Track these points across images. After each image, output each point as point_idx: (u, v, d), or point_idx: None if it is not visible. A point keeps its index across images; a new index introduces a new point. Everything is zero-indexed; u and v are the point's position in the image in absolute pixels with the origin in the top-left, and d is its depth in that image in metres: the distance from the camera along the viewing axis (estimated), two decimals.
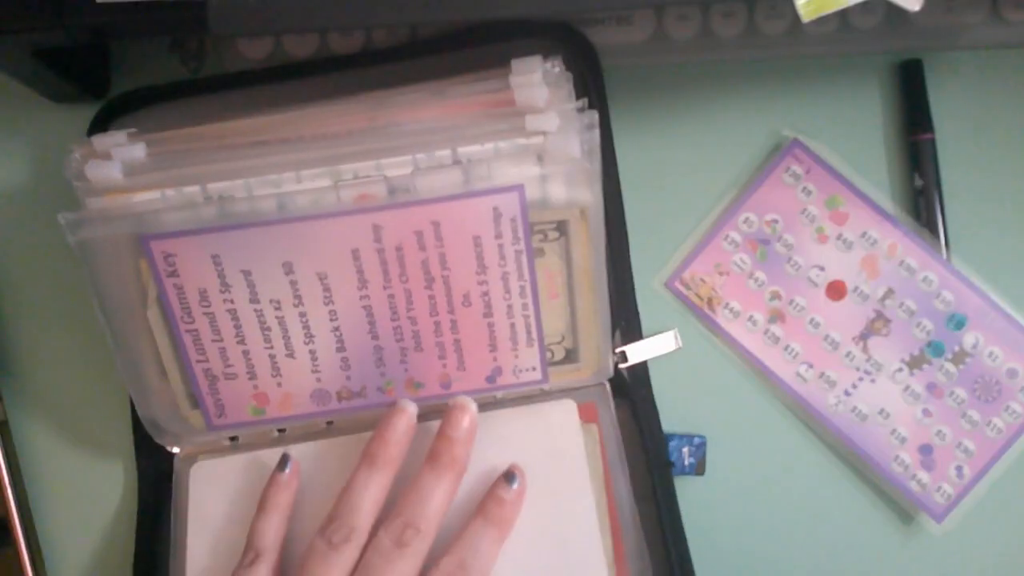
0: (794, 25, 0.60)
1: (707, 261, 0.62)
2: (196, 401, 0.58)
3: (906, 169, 0.62)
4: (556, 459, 0.58)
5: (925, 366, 0.61)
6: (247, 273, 0.54)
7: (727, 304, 0.62)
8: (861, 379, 0.61)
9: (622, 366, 0.61)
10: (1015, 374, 0.61)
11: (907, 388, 0.61)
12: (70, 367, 0.65)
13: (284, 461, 0.58)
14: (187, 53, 0.64)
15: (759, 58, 0.62)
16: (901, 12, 0.57)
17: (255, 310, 0.55)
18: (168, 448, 0.61)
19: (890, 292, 0.61)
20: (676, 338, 0.62)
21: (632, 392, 0.61)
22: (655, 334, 0.62)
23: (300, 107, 0.55)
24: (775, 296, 0.62)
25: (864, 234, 0.61)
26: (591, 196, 0.53)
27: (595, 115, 0.52)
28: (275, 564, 0.55)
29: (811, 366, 0.62)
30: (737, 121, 0.63)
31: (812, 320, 0.61)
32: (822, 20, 0.56)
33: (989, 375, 0.61)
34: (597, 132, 0.52)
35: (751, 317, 0.62)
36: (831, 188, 0.61)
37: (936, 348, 0.61)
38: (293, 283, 0.54)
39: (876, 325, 0.61)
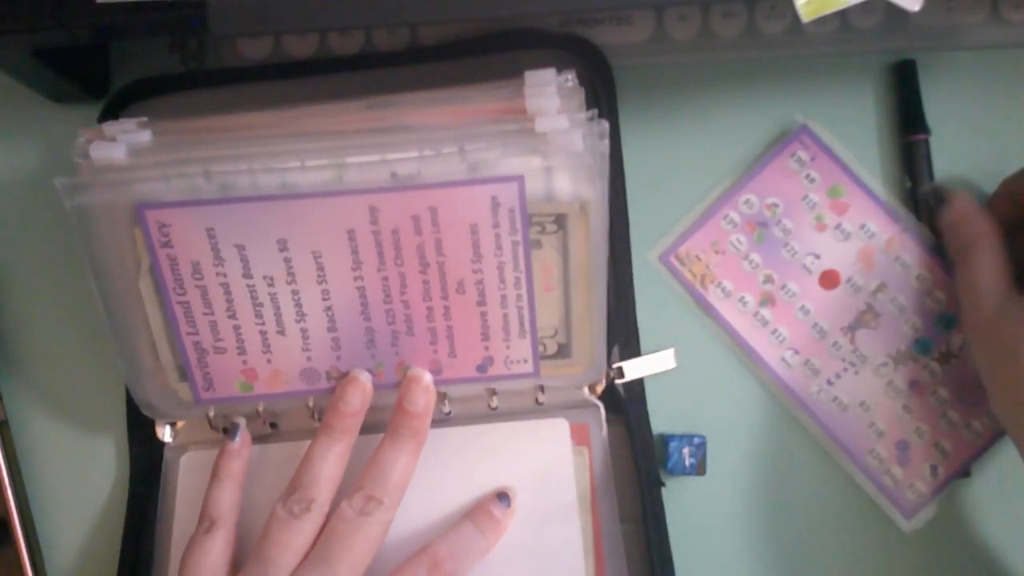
0: (794, 25, 0.61)
1: (704, 239, 0.62)
2: (185, 374, 0.58)
3: (902, 169, 0.62)
4: (545, 479, 0.58)
5: (910, 363, 0.61)
6: (241, 248, 0.54)
7: (720, 283, 0.62)
8: (845, 370, 0.62)
9: (619, 382, 0.61)
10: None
11: (890, 383, 0.61)
12: (71, 368, 0.65)
13: (234, 430, 0.58)
14: (187, 53, 0.64)
15: (759, 58, 0.62)
16: (901, 12, 0.57)
17: (247, 285, 0.55)
18: (156, 424, 0.61)
19: (883, 286, 0.61)
20: (674, 356, 0.62)
21: (627, 409, 0.61)
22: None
23: (312, 104, 0.55)
24: (768, 280, 0.62)
25: (863, 226, 0.61)
26: (592, 192, 0.53)
27: (606, 125, 0.52)
28: (231, 531, 0.56)
29: (797, 352, 0.62)
30: (738, 121, 0.63)
31: (803, 307, 0.62)
32: (822, 20, 0.56)
33: (973, 377, 0.60)
34: (607, 141, 0.52)
35: (742, 298, 0.62)
36: (835, 177, 0.61)
37: (923, 346, 0.61)
38: (287, 260, 0.54)
39: (866, 318, 0.61)
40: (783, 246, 0.61)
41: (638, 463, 0.60)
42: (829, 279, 0.61)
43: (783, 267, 0.62)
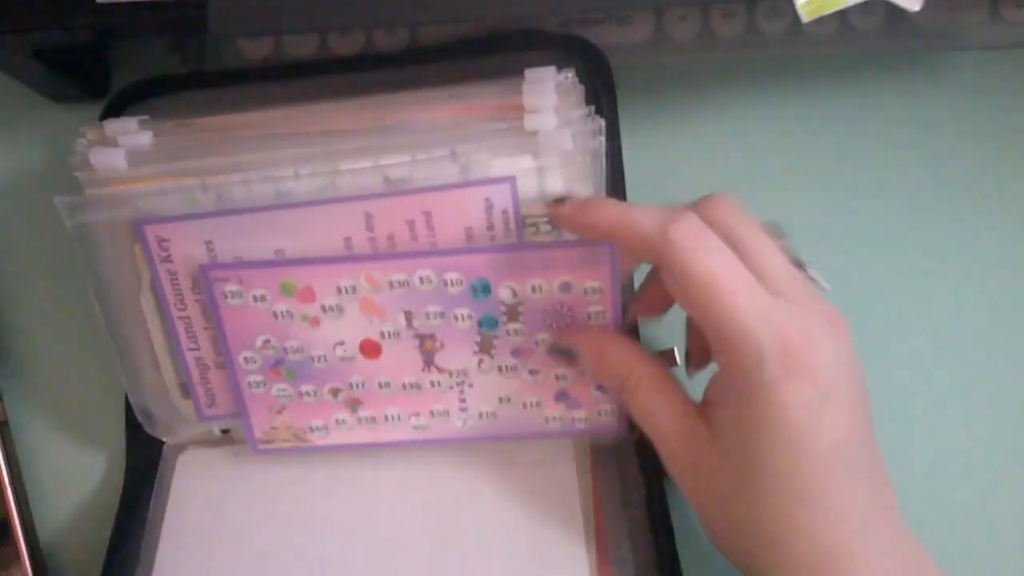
0: (794, 25, 0.60)
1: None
2: (187, 390, 0.58)
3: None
4: (546, 472, 0.58)
5: (495, 341, 0.56)
6: (240, 260, 0.54)
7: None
8: (462, 390, 0.58)
9: None
10: (568, 287, 0.55)
11: (501, 368, 0.57)
12: (71, 368, 0.65)
13: None
14: (187, 53, 0.64)
15: (759, 58, 0.62)
16: (901, 12, 0.57)
17: None
18: (161, 439, 0.61)
19: (409, 314, 0.56)
20: (676, 355, 0.62)
21: None
22: None
23: (311, 104, 0.55)
24: (334, 392, 0.58)
25: (337, 288, 0.54)
26: (584, 191, 0.53)
27: (601, 122, 0.52)
28: None
29: (418, 415, 0.58)
30: (739, 121, 0.63)
31: (381, 383, 0.57)
32: (822, 20, 0.56)
33: (549, 304, 0.55)
34: (602, 139, 0.52)
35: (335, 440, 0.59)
36: (271, 279, 0.55)
37: (489, 322, 0.56)
38: None
39: (427, 346, 0.56)
40: (312, 363, 0.57)
41: (642, 459, 0.59)
42: (369, 349, 0.56)
43: (323, 376, 0.57)
